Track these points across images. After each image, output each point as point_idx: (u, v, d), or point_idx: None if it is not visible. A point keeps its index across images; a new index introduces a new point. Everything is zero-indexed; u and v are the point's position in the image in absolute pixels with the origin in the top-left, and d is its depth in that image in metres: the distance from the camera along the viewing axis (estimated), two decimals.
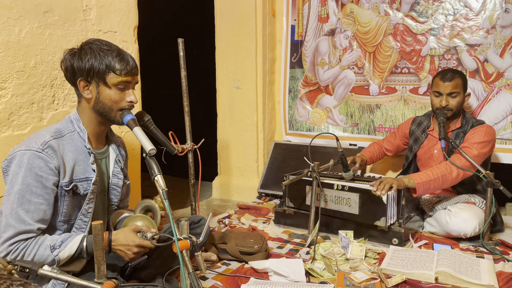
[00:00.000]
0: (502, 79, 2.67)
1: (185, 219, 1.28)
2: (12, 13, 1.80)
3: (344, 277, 1.78)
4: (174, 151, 1.71)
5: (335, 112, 3.30)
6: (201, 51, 3.71)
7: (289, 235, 2.40)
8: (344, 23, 3.19)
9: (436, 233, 2.37)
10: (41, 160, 1.34)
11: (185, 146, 2.42)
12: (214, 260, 1.97)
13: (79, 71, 1.42)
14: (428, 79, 2.90)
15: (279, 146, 3.49)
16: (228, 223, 2.63)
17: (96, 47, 1.42)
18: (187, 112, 2.49)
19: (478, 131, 2.35)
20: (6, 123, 1.81)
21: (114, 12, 2.25)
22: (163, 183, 1.29)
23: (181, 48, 2.42)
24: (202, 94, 3.89)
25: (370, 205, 2.21)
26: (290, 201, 2.56)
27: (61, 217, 1.43)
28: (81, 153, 1.46)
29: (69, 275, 1.12)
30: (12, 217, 1.31)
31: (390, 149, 2.85)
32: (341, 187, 2.31)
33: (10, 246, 1.31)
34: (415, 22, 2.92)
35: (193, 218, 1.90)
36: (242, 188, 3.47)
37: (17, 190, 1.32)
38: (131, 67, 1.46)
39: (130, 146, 2.40)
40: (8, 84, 1.80)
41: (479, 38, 2.71)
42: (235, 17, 3.35)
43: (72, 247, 1.36)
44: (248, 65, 3.36)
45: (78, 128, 1.48)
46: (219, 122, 3.56)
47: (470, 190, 2.45)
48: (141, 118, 1.55)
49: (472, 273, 1.78)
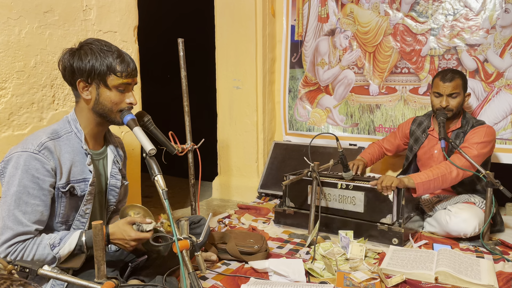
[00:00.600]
0: (502, 79, 2.67)
1: (185, 219, 1.28)
2: (12, 13, 1.80)
3: (344, 277, 1.78)
4: (174, 151, 1.71)
5: (335, 112, 3.30)
6: (201, 51, 3.71)
7: (289, 235, 2.40)
8: (344, 23, 3.19)
9: (436, 233, 2.37)
10: (38, 162, 1.34)
11: (185, 146, 2.42)
12: (214, 260, 1.97)
13: (79, 71, 1.41)
14: (428, 79, 2.90)
15: (279, 146, 3.49)
16: (228, 223, 2.63)
17: (96, 47, 1.41)
18: (187, 112, 2.49)
19: (479, 132, 2.35)
20: (6, 123, 1.81)
21: (114, 12, 2.25)
22: (163, 183, 1.29)
23: (181, 48, 2.42)
24: (202, 94, 3.89)
25: (376, 203, 2.23)
26: (290, 201, 2.56)
27: (59, 218, 1.43)
28: (78, 154, 1.46)
29: (69, 275, 1.12)
30: (9, 219, 1.31)
31: (390, 149, 2.85)
32: (345, 185, 2.32)
33: (8, 248, 1.31)
34: (415, 22, 2.92)
35: (193, 218, 1.90)
36: (242, 188, 3.47)
37: (13, 192, 1.32)
38: (132, 69, 1.45)
39: (130, 146, 2.40)
40: (8, 84, 1.80)
41: (479, 38, 2.71)
42: (235, 17, 3.35)
43: (71, 243, 1.36)
44: (248, 65, 3.35)
45: (75, 129, 1.47)
46: (219, 122, 3.56)
47: (470, 190, 2.45)
48: (141, 118, 1.55)
49: (472, 273, 1.78)
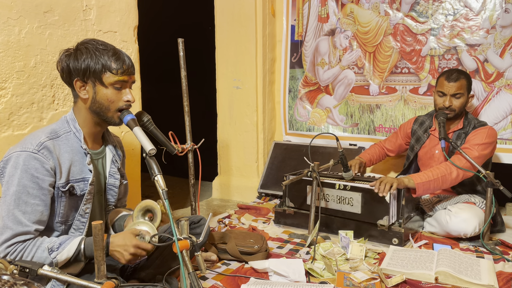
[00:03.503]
0: (502, 79, 2.67)
1: (185, 219, 1.27)
2: (12, 13, 1.80)
3: (344, 277, 1.78)
4: (174, 151, 1.71)
5: (335, 112, 3.30)
6: (201, 51, 3.71)
7: (289, 235, 2.40)
8: (344, 23, 3.18)
9: (436, 233, 2.37)
10: (37, 161, 1.34)
11: (185, 146, 2.42)
12: (214, 260, 1.97)
13: (75, 71, 1.41)
14: (428, 79, 2.90)
15: (279, 146, 3.49)
16: (228, 223, 2.63)
17: (91, 47, 1.42)
18: (187, 112, 2.49)
19: (480, 133, 2.34)
20: (6, 123, 1.81)
21: (114, 12, 2.25)
22: (163, 183, 1.29)
23: (181, 48, 2.41)
24: (202, 94, 3.89)
25: (373, 204, 2.21)
26: (290, 201, 2.56)
27: (58, 218, 1.43)
28: (77, 153, 1.46)
29: (69, 275, 1.12)
30: (9, 219, 1.31)
31: (391, 150, 2.84)
32: (343, 186, 2.31)
33: (8, 248, 1.30)
34: (415, 22, 2.91)
35: (193, 218, 1.89)
36: (242, 188, 3.47)
37: (13, 192, 1.32)
38: (128, 66, 1.45)
39: (130, 146, 2.40)
40: (8, 84, 1.80)
41: (479, 38, 2.71)
42: (235, 17, 3.35)
43: (70, 249, 1.35)
44: (248, 65, 3.35)
45: (74, 129, 1.47)
46: (219, 122, 3.56)
47: (470, 191, 2.45)
48: (141, 118, 1.55)
49: (472, 273, 1.78)
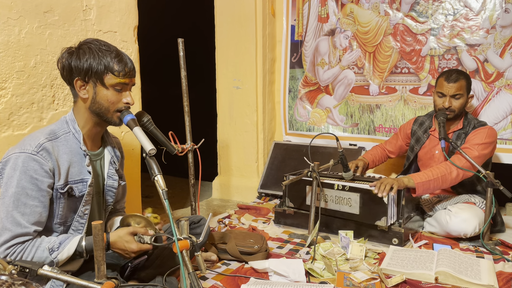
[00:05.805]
0: (502, 79, 2.67)
1: (185, 219, 1.28)
2: (12, 13, 1.80)
3: (344, 277, 1.78)
4: (174, 151, 1.71)
5: (335, 112, 3.30)
6: (201, 51, 3.71)
7: (289, 235, 2.40)
8: (344, 23, 3.18)
9: (436, 233, 2.37)
10: (36, 163, 1.34)
11: (185, 146, 2.42)
12: (214, 260, 1.97)
13: (77, 70, 1.41)
14: (428, 79, 2.90)
15: (279, 146, 3.49)
16: (228, 223, 2.62)
17: (94, 47, 1.41)
18: (187, 112, 2.49)
19: (480, 133, 2.34)
20: (6, 123, 1.81)
21: (114, 12, 2.25)
22: (163, 183, 1.29)
23: (181, 48, 2.41)
24: (202, 94, 3.89)
25: (371, 205, 2.21)
26: (290, 201, 2.56)
27: (57, 219, 1.43)
28: (76, 154, 1.45)
29: (69, 275, 1.12)
30: (8, 220, 1.31)
31: (392, 151, 2.84)
32: (342, 187, 2.30)
33: (7, 249, 1.30)
34: (415, 22, 2.91)
35: (193, 218, 1.90)
36: (242, 188, 3.47)
37: (12, 193, 1.32)
38: (129, 69, 1.45)
39: (130, 146, 2.40)
40: (8, 84, 1.80)
41: (479, 38, 2.71)
42: (235, 17, 3.35)
43: (71, 248, 1.35)
44: (248, 65, 3.35)
45: (73, 129, 1.47)
46: (219, 122, 3.56)
47: (470, 191, 2.45)
48: (140, 118, 1.54)
49: (472, 273, 1.78)
